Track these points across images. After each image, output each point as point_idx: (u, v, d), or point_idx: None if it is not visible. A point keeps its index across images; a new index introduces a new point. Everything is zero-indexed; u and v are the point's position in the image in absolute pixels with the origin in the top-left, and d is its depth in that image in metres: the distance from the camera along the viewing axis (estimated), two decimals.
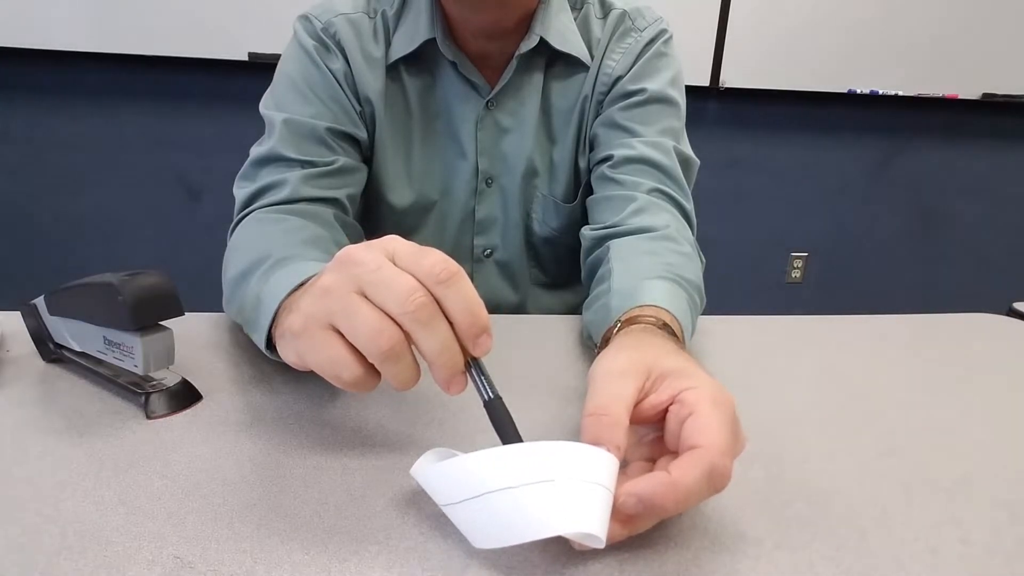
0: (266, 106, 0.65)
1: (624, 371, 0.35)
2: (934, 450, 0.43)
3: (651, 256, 0.56)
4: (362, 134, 0.67)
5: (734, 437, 0.32)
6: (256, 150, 0.63)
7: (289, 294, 0.40)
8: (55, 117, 2.01)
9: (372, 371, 0.33)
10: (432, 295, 0.31)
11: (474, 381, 0.34)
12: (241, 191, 0.63)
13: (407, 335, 0.31)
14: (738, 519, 0.35)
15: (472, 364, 0.33)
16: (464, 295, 0.31)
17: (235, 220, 0.61)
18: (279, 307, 0.40)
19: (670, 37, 0.70)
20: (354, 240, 0.64)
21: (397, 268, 0.31)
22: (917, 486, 0.39)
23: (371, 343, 0.31)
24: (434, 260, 0.31)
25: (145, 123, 2.05)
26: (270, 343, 0.41)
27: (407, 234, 0.74)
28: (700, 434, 0.31)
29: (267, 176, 0.61)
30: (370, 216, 0.73)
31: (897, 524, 0.35)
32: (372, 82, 0.66)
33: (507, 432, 0.32)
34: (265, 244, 0.50)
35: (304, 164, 0.61)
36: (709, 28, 2.08)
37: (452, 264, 0.31)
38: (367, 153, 0.69)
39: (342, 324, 0.32)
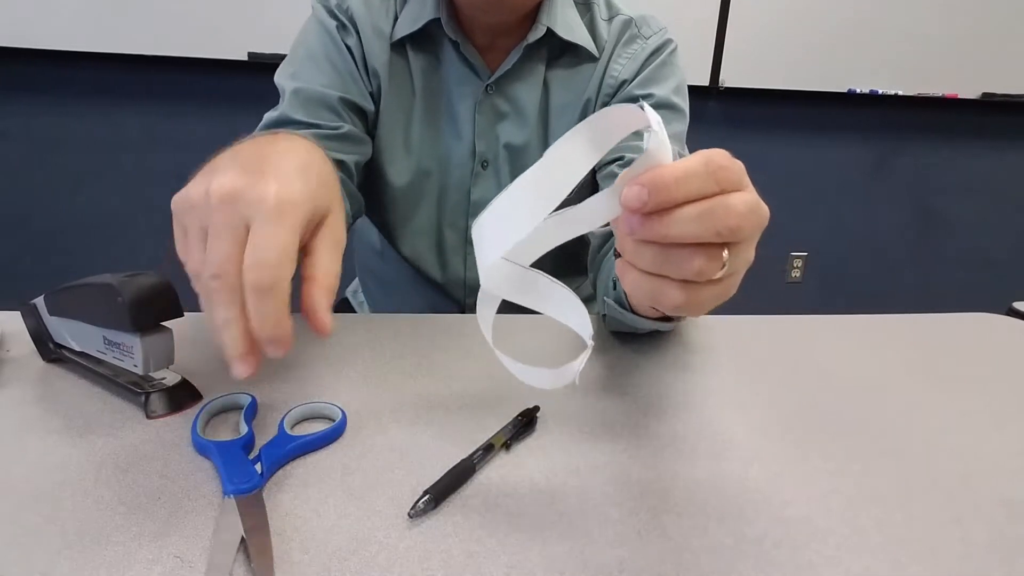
0: (281, 75, 0.66)
1: None
2: (934, 450, 0.43)
3: None
4: (371, 107, 0.68)
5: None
6: (268, 115, 0.65)
7: None
8: (55, 117, 2.01)
9: None
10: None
11: None
12: None
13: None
14: (738, 519, 0.35)
15: None
16: (265, 313, 0.30)
17: None
18: None
19: (675, 48, 0.71)
20: (355, 210, 0.65)
21: (227, 238, 0.30)
22: (917, 486, 0.39)
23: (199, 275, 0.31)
24: (260, 260, 0.30)
25: (145, 123, 2.05)
26: None
27: (406, 213, 0.75)
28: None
29: None
30: (370, 192, 0.74)
31: (897, 524, 0.35)
32: (379, 55, 0.67)
33: None
34: None
35: (312, 127, 0.62)
36: (709, 28, 2.08)
37: (271, 272, 0.30)
38: (372, 129, 0.70)
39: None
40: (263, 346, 0.31)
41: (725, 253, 0.29)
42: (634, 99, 0.68)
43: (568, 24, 0.68)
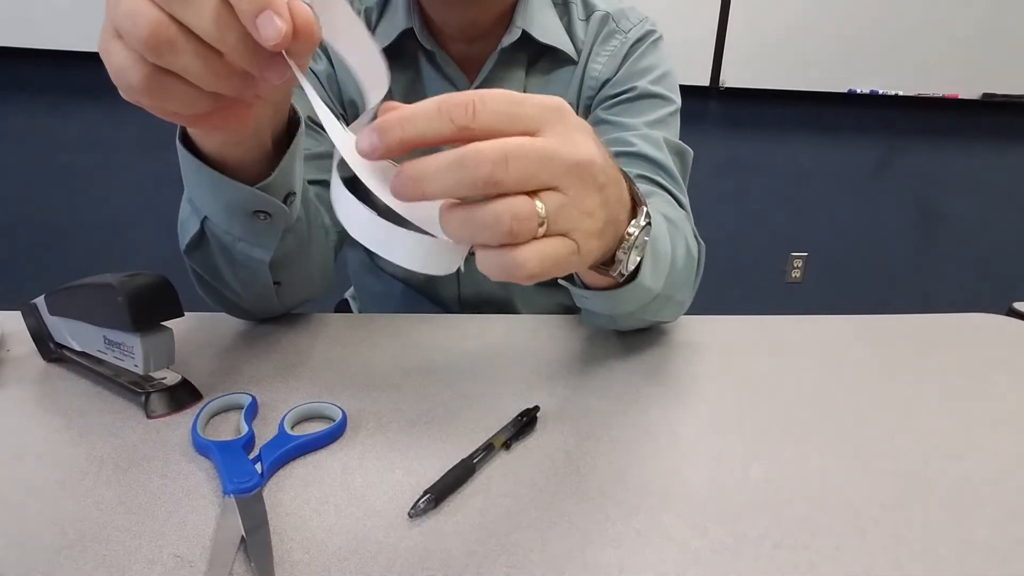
0: None
1: None
2: (934, 450, 0.43)
3: None
4: None
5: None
6: None
7: None
8: (55, 117, 2.01)
9: (160, 73, 0.28)
10: None
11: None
12: None
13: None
14: (738, 519, 0.35)
15: None
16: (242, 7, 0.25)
17: None
18: None
19: (659, 38, 0.69)
20: (340, 227, 0.64)
21: None
22: (917, 486, 0.39)
23: (130, 34, 0.26)
24: None
25: (145, 123, 2.04)
26: None
27: None
28: None
29: None
30: None
31: (897, 524, 0.35)
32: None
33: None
34: None
35: None
36: (709, 28, 2.08)
37: None
38: None
39: (112, 20, 0.27)
40: (260, 72, 0.27)
41: (539, 205, 0.26)
42: (616, 95, 0.67)
43: (545, 26, 0.66)
